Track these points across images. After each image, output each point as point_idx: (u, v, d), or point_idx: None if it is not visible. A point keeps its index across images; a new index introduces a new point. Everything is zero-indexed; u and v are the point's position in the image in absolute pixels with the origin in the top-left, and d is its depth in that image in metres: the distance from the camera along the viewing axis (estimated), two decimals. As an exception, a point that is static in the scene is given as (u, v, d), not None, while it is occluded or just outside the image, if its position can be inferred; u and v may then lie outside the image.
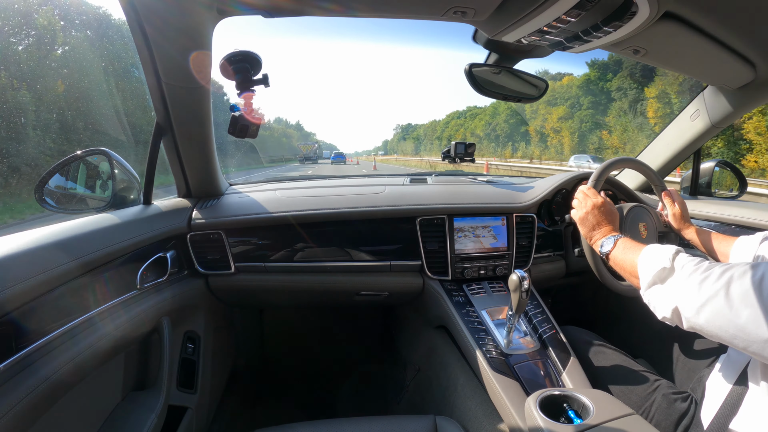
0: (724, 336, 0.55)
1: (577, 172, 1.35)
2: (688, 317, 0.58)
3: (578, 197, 0.98)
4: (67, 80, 15.04)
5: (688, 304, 0.58)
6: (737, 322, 0.52)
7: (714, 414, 0.68)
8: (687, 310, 0.58)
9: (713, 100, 1.21)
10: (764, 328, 0.49)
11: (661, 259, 0.65)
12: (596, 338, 1.04)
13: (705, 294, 0.56)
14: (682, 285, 0.60)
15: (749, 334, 0.51)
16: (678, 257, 0.64)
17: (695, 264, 0.61)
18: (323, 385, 1.58)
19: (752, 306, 0.51)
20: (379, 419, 0.82)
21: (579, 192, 0.99)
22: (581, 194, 0.98)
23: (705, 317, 0.56)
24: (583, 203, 0.95)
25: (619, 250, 0.80)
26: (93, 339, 0.70)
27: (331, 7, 0.73)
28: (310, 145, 45.82)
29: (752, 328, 0.51)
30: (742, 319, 0.51)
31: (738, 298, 0.53)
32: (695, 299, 0.57)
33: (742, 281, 0.53)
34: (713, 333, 0.57)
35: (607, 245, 0.84)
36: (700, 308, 0.56)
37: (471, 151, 1.49)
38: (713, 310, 0.55)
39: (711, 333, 0.57)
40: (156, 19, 0.73)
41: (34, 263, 0.62)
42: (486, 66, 1.06)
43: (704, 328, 0.57)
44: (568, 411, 0.69)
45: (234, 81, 0.78)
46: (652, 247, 0.71)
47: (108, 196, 0.97)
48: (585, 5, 0.64)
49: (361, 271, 1.17)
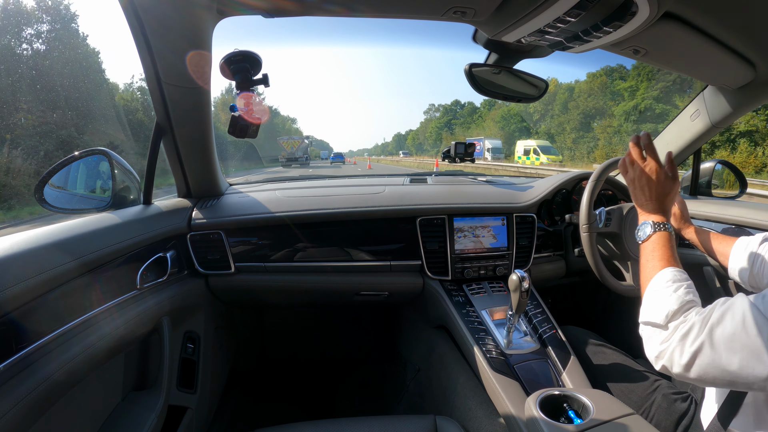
0: (721, 384, 0.54)
1: (577, 172, 1.36)
2: (678, 374, 0.57)
3: (633, 152, 0.83)
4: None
5: (675, 363, 0.57)
6: (730, 370, 0.51)
7: (714, 414, 0.68)
8: (675, 368, 0.57)
9: (713, 100, 1.21)
10: (760, 369, 0.48)
11: (660, 310, 0.63)
12: (596, 338, 1.04)
13: (689, 352, 0.54)
14: (667, 345, 0.59)
15: (747, 378, 0.50)
16: (675, 316, 0.60)
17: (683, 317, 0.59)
18: (323, 384, 1.58)
19: (741, 350, 0.49)
20: (379, 419, 0.82)
21: (626, 155, 0.84)
22: (628, 158, 0.83)
23: (696, 373, 0.55)
24: (634, 163, 0.81)
25: (649, 248, 0.74)
26: (93, 339, 0.70)
27: (331, 7, 0.73)
28: (296, 141, 30.48)
29: (748, 371, 0.49)
30: (735, 366, 0.50)
31: (724, 347, 0.51)
32: (680, 359, 0.56)
33: (723, 327, 0.52)
34: (709, 384, 0.56)
35: (640, 233, 0.76)
36: (687, 367, 0.55)
37: (471, 151, 1.49)
38: (702, 365, 0.53)
39: (707, 384, 0.57)
40: (156, 20, 0.73)
41: (34, 263, 0.62)
42: (486, 66, 1.06)
43: (698, 383, 0.57)
44: (568, 411, 0.69)
45: (234, 81, 0.78)
46: (664, 281, 0.67)
47: (108, 196, 0.97)
48: (585, 5, 0.64)
49: (361, 271, 1.17)
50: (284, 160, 29.50)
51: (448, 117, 68.77)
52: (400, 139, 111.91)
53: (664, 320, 0.61)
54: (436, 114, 76.59)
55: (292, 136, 33.60)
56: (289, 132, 73.96)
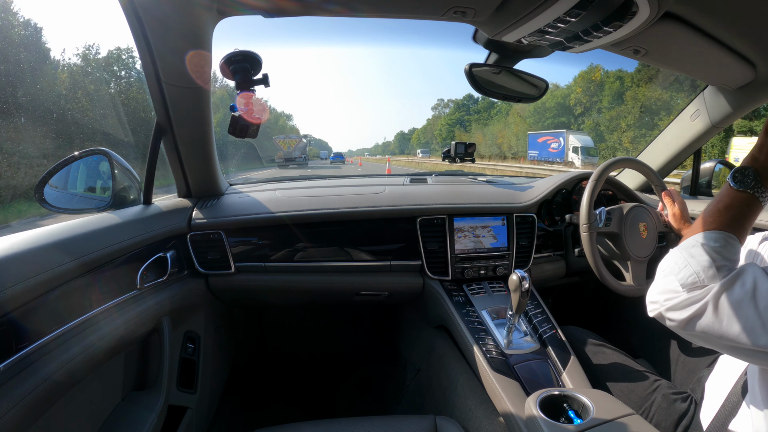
0: (714, 345, 0.55)
1: (576, 172, 1.36)
2: (673, 327, 0.57)
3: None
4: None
5: (674, 317, 0.56)
6: (729, 336, 0.50)
7: (714, 414, 0.68)
8: (672, 323, 0.57)
9: (713, 100, 1.21)
10: (764, 339, 0.48)
11: (690, 269, 0.56)
12: (596, 338, 1.04)
13: (692, 310, 0.53)
14: (671, 295, 0.57)
15: (746, 345, 0.49)
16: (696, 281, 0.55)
17: None
18: (323, 385, 1.58)
19: (746, 318, 0.49)
20: (379, 419, 0.82)
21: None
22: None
23: (691, 331, 0.55)
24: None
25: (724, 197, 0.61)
26: (93, 339, 0.70)
27: (331, 7, 0.73)
28: (293, 140, 27.83)
29: (748, 340, 0.49)
30: (734, 332, 0.50)
31: (728, 312, 0.50)
32: (680, 314, 0.55)
33: (731, 293, 0.51)
34: (701, 342, 0.56)
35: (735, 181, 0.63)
36: (685, 324, 0.55)
37: (471, 151, 1.49)
38: (701, 326, 0.53)
39: (699, 341, 0.56)
40: (156, 19, 0.73)
41: (34, 263, 0.62)
42: (486, 66, 1.06)
43: (690, 339, 0.57)
44: (568, 411, 0.69)
45: (234, 81, 0.78)
46: (716, 240, 0.58)
47: (108, 196, 0.97)
48: (585, 5, 0.64)
49: (361, 271, 1.17)
50: (281, 160, 26.96)
51: (460, 113, 61.16)
52: (403, 138, 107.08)
53: (682, 289, 0.56)
54: (445, 110, 70.48)
55: (289, 135, 30.28)
56: (284, 130, 67.72)
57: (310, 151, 42.54)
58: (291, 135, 31.13)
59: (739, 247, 0.58)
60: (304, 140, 29.82)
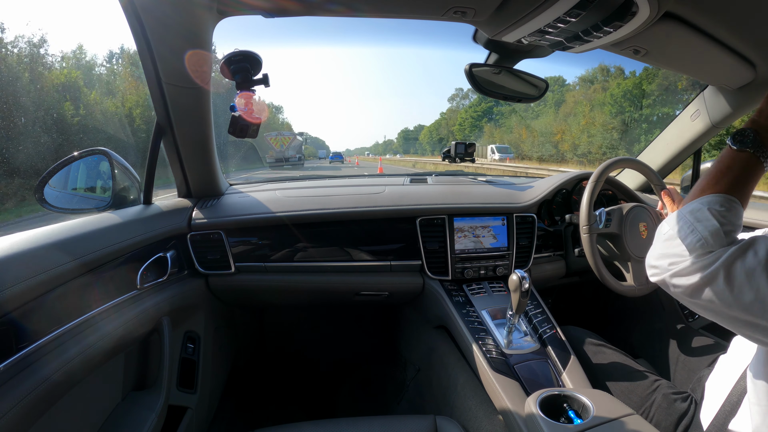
0: (718, 317, 0.51)
1: (576, 172, 1.36)
2: (677, 294, 0.54)
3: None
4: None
5: (680, 282, 0.53)
6: (739, 304, 0.48)
7: (714, 414, 0.68)
8: (676, 288, 0.54)
9: (713, 100, 1.21)
10: None
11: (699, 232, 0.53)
12: (596, 338, 1.04)
13: (701, 276, 0.51)
14: (678, 260, 0.54)
15: (753, 318, 0.47)
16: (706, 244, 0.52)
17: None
18: (323, 384, 1.58)
19: (757, 289, 0.46)
20: (379, 419, 0.82)
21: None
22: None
23: (697, 299, 0.52)
24: None
25: (730, 158, 0.59)
26: (93, 339, 0.70)
27: (331, 7, 0.73)
28: (286, 137, 24.14)
29: (756, 312, 0.46)
30: (747, 300, 0.47)
31: (739, 282, 0.47)
32: (688, 280, 0.52)
33: (744, 262, 0.48)
34: (703, 311, 0.53)
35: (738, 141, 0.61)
36: (693, 290, 0.52)
37: (471, 151, 1.49)
38: (709, 295, 0.50)
39: (700, 311, 0.53)
40: (156, 20, 0.73)
41: (34, 263, 0.62)
42: (486, 66, 1.06)
43: (693, 308, 0.54)
44: (568, 411, 0.69)
45: (234, 81, 0.78)
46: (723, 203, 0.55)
47: (108, 196, 0.97)
48: (585, 5, 0.64)
49: (362, 271, 1.17)
50: (272, 160, 23.45)
51: (487, 103, 50.18)
52: (407, 136, 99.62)
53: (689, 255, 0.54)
54: (464, 102, 60.51)
55: (282, 132, 25.49)
56: (274, 125, 58.95)
57: (306, 150, 39.70)
58: (284, 132, 25.87)
59: (742, 211, 0.56)
60: (300, 138, 26.59)
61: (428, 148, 66.35)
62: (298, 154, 25.00)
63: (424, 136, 79.34)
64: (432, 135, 72.55)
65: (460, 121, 57.78)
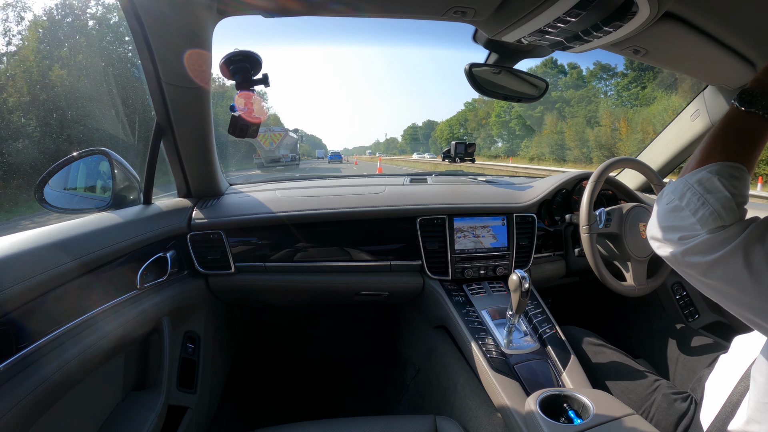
0: (724, 300, 0.48)
1: (576, 172, 1.36)
2: (687, 272, 0.51)
3: None
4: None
5: (693, 259, 0.50)
6: (755, 290, 0.44)
7: (714, 415, 0.68)
8: (688, 267, 0.50)
9: (713, 100, 1.21)
10: None
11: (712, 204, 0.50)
12: (596, 338, 1.04)
13: (717, 253, 0.47)
14: (690, 233, 0.50)
15: (762, 305, 0.45)
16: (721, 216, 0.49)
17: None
18: (323, 385, 1.58)
19: None
20: (379, 419, 0.82)
21: None
22: None
23: (709, 279, 0.48)
24: None
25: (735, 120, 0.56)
26: (93, 339, 0.70)
27: (331, 6, 0.73)
28: (276, 134, 20.63)
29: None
30: (763, 288, 0.44)
31: (760, 264, 0.44)
32: (703, 258, 0.49)
33: (763, 243, 0.44)
34: (710, 293, 0.50)
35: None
36: (707, 268, 0.48)
37: (471, 151, 1.49)
38: (723, 275, 0.47)
39: (708, 292, 0.50)
40: (156, 19, 0.73)
41: (34, 263, 0.62)
42: (486, 66, 1.06)
43: (702, 288, 0.51)
44: (568, 411, 0.69)
45: (234, 81, 0.78)
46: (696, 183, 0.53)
47: (108, 196, 0.97)
48: (585, 5, 0.64)
49: (362, 271, 1.17)
50: (260, 161, 20.40)
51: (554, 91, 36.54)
52: (414, 132, 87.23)
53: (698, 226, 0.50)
54: None
55: (271, 128, 21.50)
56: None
57: (301, 149, 35.02)
58: (273, 128, 21.60)
59: (750, 180, 0.53)
60: (294, 135, 22.64)
61: (445, 145, 59.48)
62: (292, 154, 21.38)
63: (442, 131, 64.25)
64: (453, 131, 56.73)
65: (499, 112, 42.36)
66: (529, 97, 1.15)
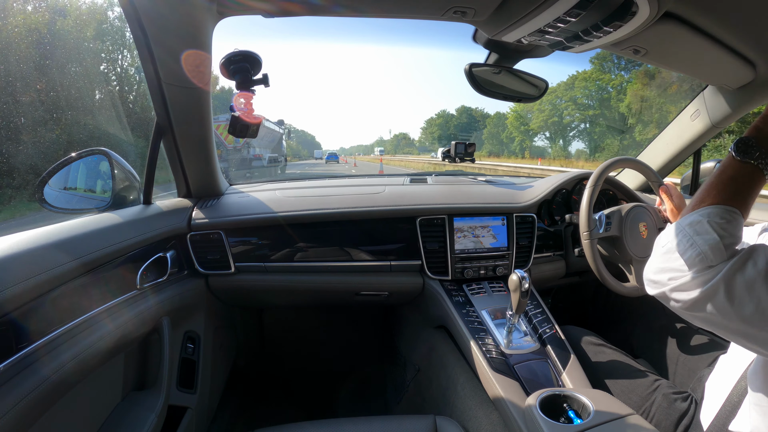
0: (720, 329, 0.51)
1: (576, 172, 1.35)
2: (678, 309, 0.54)
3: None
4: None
5: (682, 297, 0.53)
6: (740, 317, 0.47)
7: (714, 415, 0.68)
8: (678, 304, 0.54)
9: (713, 100, 1.21)
10: None
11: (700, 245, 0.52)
12: (596, 338, 1.04)
13: (702, 290, 0.50)
14: (678, 275, 0.53)
15: (753, 331, 0.47)
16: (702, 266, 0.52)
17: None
18: (323, 384, 1.58)
19: (758, 300, 0.46)
20: (379, 419, 0.82)
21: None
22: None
23: (700, 312, 0.51)
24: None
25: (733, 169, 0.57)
26: (93, 339, 0.70)
27: (331, 7, 0.73)
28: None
29: (757, 324, 0.46)
30: (747, 313, 0.46)
31: (740, 294, 0.47)
32: (689, 295, 0.51)
33: (744, 274, 0.47)
34: (704, 325, 0.52)
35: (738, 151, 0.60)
36: (694, 304, 0.51)
37: (471, 151, 1.49)
38: (711, 308, 0.50)
39: (702, 324, 0.53)
40: (156, 19, 0.73)
41: (34, 263, 0.62)
42: (486, 66, 1.06)
43: (695, 321, 0.53)
44: (568, 411, 0.69)
45: (233, 81, 0.78)
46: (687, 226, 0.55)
47: (108, 196, 0.97)
48: (585, 5, 0.64)
49: (361, 271, 1.17)
50: (224, 163, 12.26)
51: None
52: (430, 127, 64.75)
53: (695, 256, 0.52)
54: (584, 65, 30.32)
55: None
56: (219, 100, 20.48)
57: (291, 149, 27.84)
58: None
59: (743, 222, 0.55)
60: (276, 128, 16.52)
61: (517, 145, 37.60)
62: (272, 154, 15.45)
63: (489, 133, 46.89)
64: (520, 123, 39.35)
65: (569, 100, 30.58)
66: (530, 96, 1.15)
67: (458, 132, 59.66)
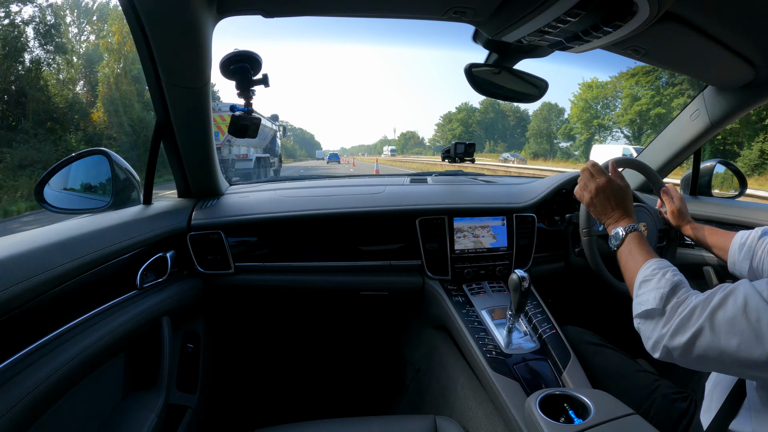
0: (719, 367, 0.56)
1: (576, 172, 1.35)
2: (679, 357, 0.58)
3: (582, 176, 0.87)
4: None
5: (676, 346, 0.57)
6: (729, 352, 0.52)
7: (714, 414, 0.68)
8: (675, 352, 0.58)
9: (713, 100, 1.21)
10: (759, 352, 0.49)
11: (653, 296, 0.62)
12: (596, 338, 1.04)
13: (690, 333, 0.55)
14: (668, 328, 0.59)
15: (744, 361, 0.51)
16: (670, 299, 0.61)
17: (678, 300, 0.60)
18: (323, 384, 1.58)
19: (741, 333, 0.51)
20: (379, 419, 0.82)
21: (583, 170, 0.88)
22: (586, 173, 0.86)
23: (696, 354, 0.55)
24: (586, 186, 0.85)
25: (625, 251, 0.76)
26: (93, 339, 0.70)
27: (331, 7, 0.73)
28: (224, 115, 5.98)
29: (746, 355, 0.50)
30: (733, 348, 0.51)
31: (724, 329, 0.52)
32: (680, 339, 0.56)
33: (724, 310, 0.53)
34: (708, 367, 0.57)
35: (614, 241, 0.79)
36: (687, 348, 0.56)
37: (471, 151, 1.49)
38: (702, 347, 0.54)
39: (706, 367, 0.58)
40: (156, 19, 0.73)
41: (34, 263, 0.62)
42: (486, 66, 1.06)
43: (698, 365, 0.58)
44: (568, 411, 0.69)
45: (233, 81, 0.78)
46: (650, 270, 0.67)
47: (108, 196, 0.97)
48: (585, 5, 0.64)
49: (361, 270, 1.17)
50: None
51: None
52: (449, 123, 54.23)
53: (660, 304, 0.61)
54: None
55: (219, 104, 8.52)
56: None
57: (287, 148, 24.99)
58: (222, 104, 8.40)
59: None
60: (271, 125, 14.14)
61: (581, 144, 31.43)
62: (261, 155, 13.03)
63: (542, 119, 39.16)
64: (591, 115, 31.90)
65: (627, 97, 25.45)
66: (530, 96, 1.15)
67: (482, 130, 50.90)
